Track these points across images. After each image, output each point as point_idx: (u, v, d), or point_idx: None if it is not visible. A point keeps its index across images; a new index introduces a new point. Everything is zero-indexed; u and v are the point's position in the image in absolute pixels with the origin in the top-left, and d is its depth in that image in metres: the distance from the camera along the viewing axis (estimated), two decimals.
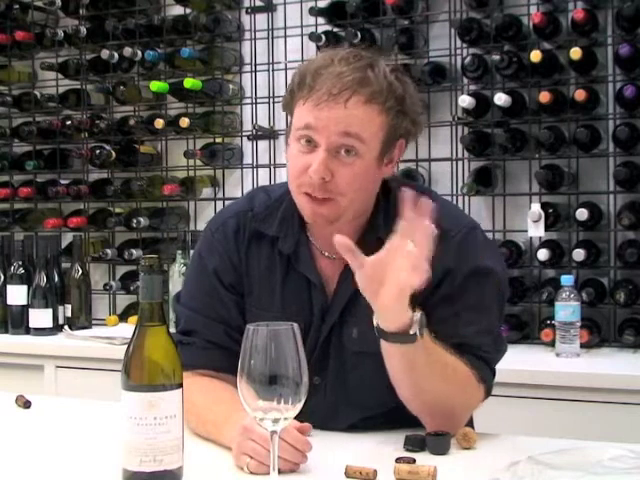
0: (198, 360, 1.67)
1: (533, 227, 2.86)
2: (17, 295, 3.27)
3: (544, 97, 2.78)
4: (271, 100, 3.31)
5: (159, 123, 3.34)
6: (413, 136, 1.69)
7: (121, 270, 3.59)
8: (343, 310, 1.66)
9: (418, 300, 1.48)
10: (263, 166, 3.36)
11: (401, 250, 1.42)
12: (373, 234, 1.65)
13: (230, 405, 1.52)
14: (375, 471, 1.37)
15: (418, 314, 1.46)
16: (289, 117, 1.66)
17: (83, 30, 3.49)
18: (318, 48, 3.12)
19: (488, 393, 1.66)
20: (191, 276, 1.80)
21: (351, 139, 1.55)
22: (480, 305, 1.63)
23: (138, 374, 1.29)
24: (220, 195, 3.47)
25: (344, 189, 1.58)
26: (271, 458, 1.28)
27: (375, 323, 1.48)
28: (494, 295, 1.66)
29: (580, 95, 2.74)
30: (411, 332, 1.46)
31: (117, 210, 3.57)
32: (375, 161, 1.60)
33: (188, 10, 3.42)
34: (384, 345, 1.50)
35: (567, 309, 2.66)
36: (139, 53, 3.38)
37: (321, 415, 1.62)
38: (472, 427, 1.69)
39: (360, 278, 1.45)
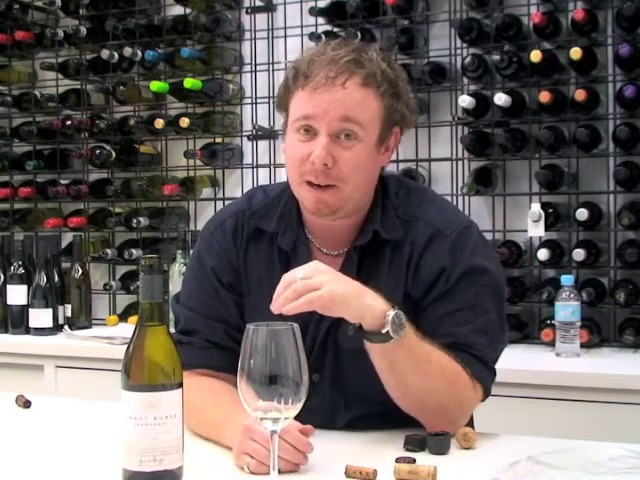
0: (197, 360, 1.67)
1: (533, 227, 2.86)
2: (17, 295, 3.27)
3: (544, 97, 2.78)
4: (271, 100, 3.31)
5: (159, 123, 3.34)
6: (408, 123, 1.68)
7: (121, 270, 3.58)
8: None
9: (414, 298, 1.49)
10: (263, 166, 3.36)
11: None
12: (370, 227, 1.66)
13: (230, 405, 1.52)
14: (375, 471, 1.37)
15: (391, 313, 1.47)
16: (284, 114, 1.66)
17: (83, 30, 3.49)
18: None
19: (487, 392, 1.66)
20: (190, 276, 1.80)
21: (350, 124, 1.57)
22: (475, 304, 1.63)
23: (138, 374, 1.29)
24: (220, 195, 3.47)
25: (346, 174, 1.58)
26: (271, 458, 1.28)
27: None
28: (489, 294, 1.66)
29: (580, 95, 2.74)
30: (383, 331, 1.47)
31: (117, 210, 3.57)
32: (374, 147, 1.61)
33: (188, 10, 3.42)
34: (366, 345, 1.52)
35: (567, 309, 2.66)
36: (139, 53, 3.38)
37: (321, 413, 1.63)
38: (472, 427, 1.69)
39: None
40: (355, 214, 1.67)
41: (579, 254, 2.76)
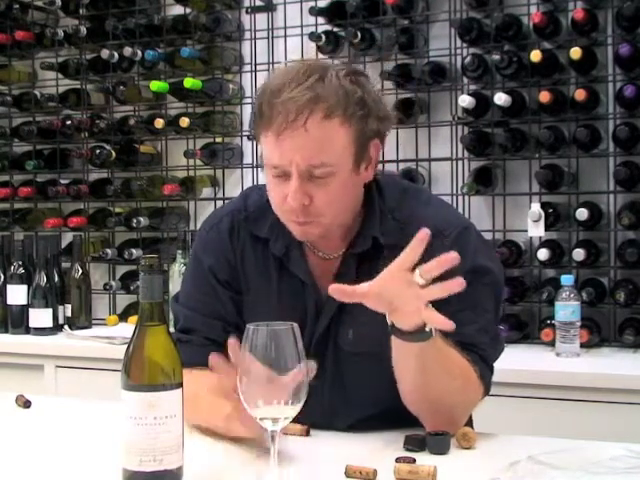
0: (197, 358, 1.67)
1: (533, 227, 2.86)
2: (17, 295, 3.27)
3: (544, 97, 2.78)
4: None
5: (159, 123, 3.34)
6: (386, 131, 1.66)
7: (121, 270, 3.59)
8: (338, 310, 1.66)
9: None
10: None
11: (405, 278, 1.40)
12: (368, 233, 1.65)
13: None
14: (375, 471, 1.37)
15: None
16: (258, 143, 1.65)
17: (83, 30, 3.49)
18: (318, 48, 3.13)
19: (487, 391, 1.66)
20: (188, 275, 1.81)
21: (317, 168, 1.55)
22: (477, 304, 1.63)
23: (138, 374, 1.29)
24: (220, 195, 3.47)
25: (325, 210, 1.58)
26: (271, 458, 1.28)
27: (390, 323, 1.46)
28: (491, 294, 1.66)
29: (580, 95, 2.74)
30: (427, 329, 1.45)
31: (117, 210, 3.57)
32: (351, 173, 1.60)
33: (188, 10, 3.42)
34: (398, 346, 1.49)
35: (567, 309, 2.66)
36: (139, 53, 3.38)
37: (320, 416, 1.62)
38: (472, 427, 1.69)
39: (369, 304, 1.43)
40: (346, 223, 1.67)
41: (579, 254, 2.76)
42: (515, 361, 2.49)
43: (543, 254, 2.83)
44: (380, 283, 1.41)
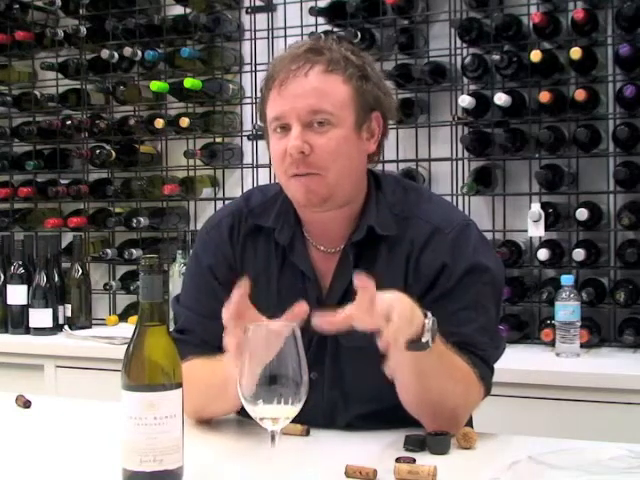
0: (193, 356, 1.68)
1: (533, 227, 2.86)
2: (17, 295, 3.27)
3: (544, 97, 2.78)
4: None
5: (159, 123, 3.34)
6: (386, 107, 1.68)
7: (121, 270, 3.59)
8: (338, 304, 1.66)
9: (415, 296, 1.48)
10: (263, 166, 3.36)
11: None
12: (364, 222, 1.66)
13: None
14: (375, 471, 1.37)
15: (430, 321, 1.44)
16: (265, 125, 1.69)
17: (83, 30, 3.49)
18: None
19: (487, 392, 1.66)
20: (188, 276, 1.82)
21: (319, 114, 1.58)
22: (477, 303, 1.63)
23: (138, 374, 1.29)
24: (220, 195, 3.47)
25: (325, 161, 1.59)
26: (271, 457, 1.28)
27: None
28: (490, 293, 1.66)
29: (580, 95, 2.74)
30: (423, 340, 1.44)
31: (117, 210, 3.57)
32: (353, 131, 1.62)
33: (188, 10, 3.42)
34: (391, 352, 1.49)
35: (567, 309, 2.66)
36: (139, 53, 3.38)
37: (320, 412, 1.63)
38: (472, 427, 1.69)
39: (358, 326, 1.40)
40: (348, 206, 1.67)
41: (579, 254, 2.76)
42: (515, 361, 2.49)
43: (543, 254, 2.83)
44: (356, 308, 1.38)
